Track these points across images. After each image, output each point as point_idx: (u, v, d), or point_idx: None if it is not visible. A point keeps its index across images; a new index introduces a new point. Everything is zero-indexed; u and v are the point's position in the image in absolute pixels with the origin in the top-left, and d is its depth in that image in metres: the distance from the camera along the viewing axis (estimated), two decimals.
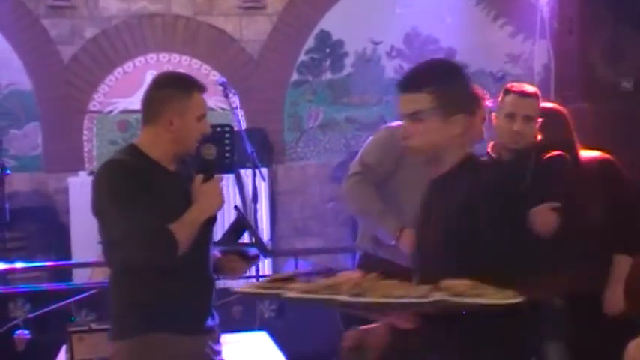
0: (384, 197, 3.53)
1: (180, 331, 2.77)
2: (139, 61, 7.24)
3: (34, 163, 7.11)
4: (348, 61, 7.47)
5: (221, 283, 3.04)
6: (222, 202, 2.82)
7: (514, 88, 3.51)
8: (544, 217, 3.18)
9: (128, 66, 7.23)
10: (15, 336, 4.49)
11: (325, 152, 7.43)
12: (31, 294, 4.72)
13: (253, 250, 2.96)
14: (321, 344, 5.25)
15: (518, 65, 7.69)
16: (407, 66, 7.56)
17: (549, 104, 3.85)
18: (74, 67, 7.16)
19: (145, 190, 2.70)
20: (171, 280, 2.75)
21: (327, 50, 7.50)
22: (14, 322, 4.54)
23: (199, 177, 2.81)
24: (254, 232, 2.99)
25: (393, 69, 7.57)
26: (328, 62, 7.49)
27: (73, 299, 4.59)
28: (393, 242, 3.42)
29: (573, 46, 6.30)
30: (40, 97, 7.12)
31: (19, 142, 7.10)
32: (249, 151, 5.40)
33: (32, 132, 7.13)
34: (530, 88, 3.55)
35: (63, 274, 6.20)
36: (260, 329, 4.43)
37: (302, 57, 7.47)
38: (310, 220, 7.27)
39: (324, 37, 7.49)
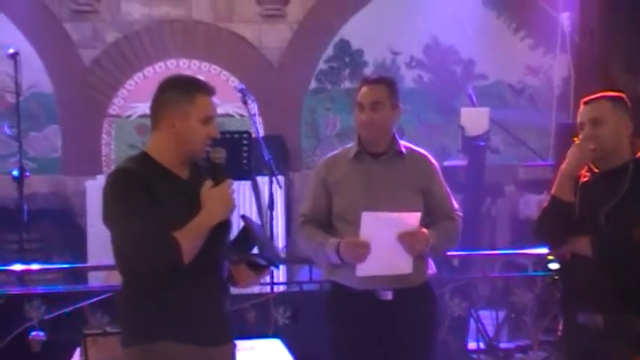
0: (337, 222, 3.51)
1: (187, 341, 2.71)
2: (159, 66, 7.28)
3: (53, 166, 7.16)
4: (368, 70, 7.48)
5: (236, 290, 3.00)
6: (233, 206, 2.74)
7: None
8: None
9: (148, 71, 7.27)
10: (30, 337, 4.50)
11: None
12: (47, 295, 4.73)
13: (264, 261, 2.86)
14: None
15: (538, 78, 7.68)
16: (426, 76, 7.58)
17: None
18: (95, 71, 7.21)
19: (148, 197, 2.65)
20: (178, 288, 2.70)
21: (347, 59, 7.51)
22: (30, 324, 4.55)
23: (209, 182, 2.74)
24: (259, 242, 2.86)
25: (412, 79, 7.57)
26: (347, 71, 7.50)
27: (88, 302, 4.60)
28: (338, 261, 3.39)
29: (594, 60, 6.28)
30: (61, 99, 7.17)
31: (38, 144, 7.15)
32: (267, 158, 5.41)
33: (52, 134, 7.18)
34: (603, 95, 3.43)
35: (78, 276, 6.23)
36: (274, 336, 4.43)
37: (321, 65, 7.49)
38: None
39: (344, 46, 7.50)
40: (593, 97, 3.38)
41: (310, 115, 7.49)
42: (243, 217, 2.91)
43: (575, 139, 3.33)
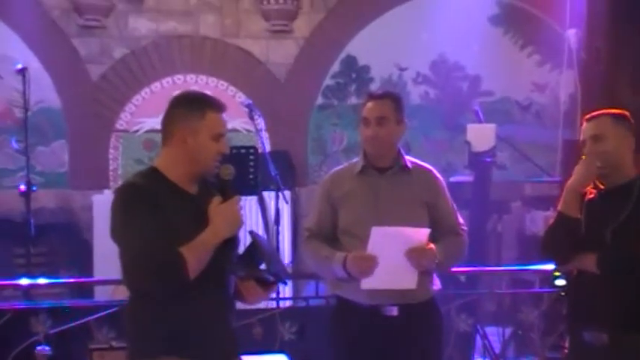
0: (342, 236, 3.51)
1: (193, 357, 2.70)
2: (167, 81, 7.30)
3: (60, 180, 7.18)
4: (374, 86, 7.49)
5: (241, 305, 3.00)
6: (240, 223, 2.75)
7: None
8: None
9: (155, 86, 7.30)
10: (36, 352, 4.50)
11: None
12: (53, 310, 4.74)
13: (272, 277, 2.85)
14: None
15: (544, 94, 7.68)
16: (432, 92, 7.59)
17: None
18: (102, 86, 7.23)
19: (156, 213, 2.66)
20: (184, 303, 2.70)
21: (353, 75, 7.53)
22: (35, 338, 4.55)
23: (217, 198, 2.75)
24: (267, 258, 2.86)
25: (418, 95, 7.58)
26: (354, 87, 7.52)
27: (94, 317, 4.61)
28: (345, 275, 3.38)
29: (601, 76, 6.28)
30: (68, 114, 7.19)
31: (46, 159, 7.17)
32: (273, 173, 5.42)
33: (59, 149, 7.21)
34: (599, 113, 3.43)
35: (84, 290, 6.23)
36: (280, 351, 4.43)
37: (328, 81, 7.50)
38: None
39: (351, 62, 7.52)
40: (594, 114, 3.38)
41: (317, 130, 7.50)
42: (251, 232, 2.90)
43: (584, 157, 3.34)
